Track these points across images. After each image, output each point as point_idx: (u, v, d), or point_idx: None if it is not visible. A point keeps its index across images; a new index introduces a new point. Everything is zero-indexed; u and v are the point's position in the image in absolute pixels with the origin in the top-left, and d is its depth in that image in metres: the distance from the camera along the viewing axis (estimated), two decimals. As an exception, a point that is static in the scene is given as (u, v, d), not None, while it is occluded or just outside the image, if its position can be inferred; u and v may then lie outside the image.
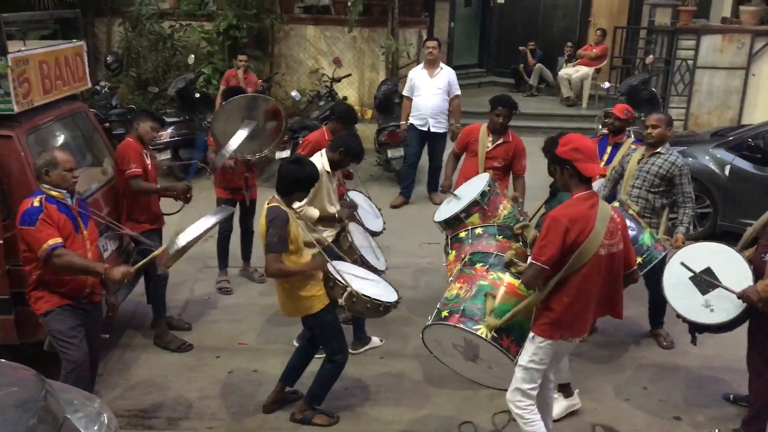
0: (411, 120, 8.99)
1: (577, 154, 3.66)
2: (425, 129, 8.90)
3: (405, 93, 9.09)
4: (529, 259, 3.73)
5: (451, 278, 4.50)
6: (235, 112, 6.03)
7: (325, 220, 5.13)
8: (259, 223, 4.40)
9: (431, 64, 8.87)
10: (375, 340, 5.71)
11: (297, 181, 4.33)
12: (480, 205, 5.10)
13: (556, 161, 3.80)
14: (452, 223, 5.18)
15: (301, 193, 4.42)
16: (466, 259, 4.43)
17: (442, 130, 8.96)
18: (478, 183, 5.36)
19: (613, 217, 3.72)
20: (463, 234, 4.86)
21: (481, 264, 4.26)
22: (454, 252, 4.83)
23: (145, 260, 4.50)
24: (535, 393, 3.90)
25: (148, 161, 5.60)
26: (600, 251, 3.62)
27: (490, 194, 5.15)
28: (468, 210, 5.11)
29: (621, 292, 3.90)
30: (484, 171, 5.76)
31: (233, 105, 6.06)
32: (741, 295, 4.25)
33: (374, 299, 4.41)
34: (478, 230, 4.80)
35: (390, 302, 4.53)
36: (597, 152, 3.84)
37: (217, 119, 6.20)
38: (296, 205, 4.69)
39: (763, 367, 4.42)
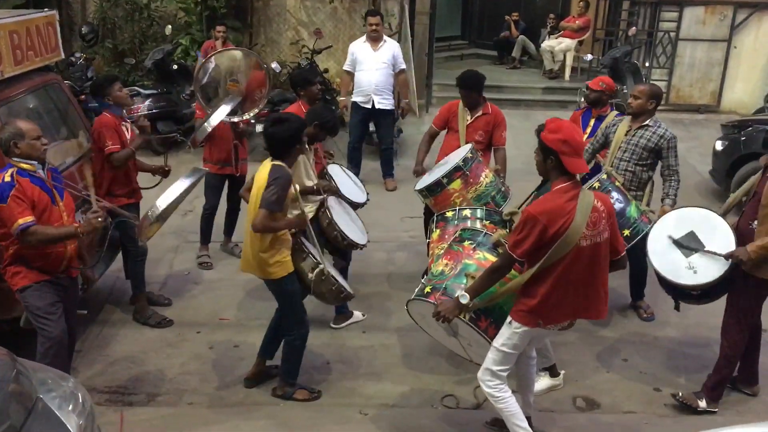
0: (353, 98, 8.52)
1: (565, 146, 3.48)
2: (369, 106, 8.36)
3: (346, 68, 8.53)
4: (506, 247, 3.67)
5: (430, 255, 4.52)
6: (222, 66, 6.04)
7: (305, 193, 5.07)
8: (257, 178, 4.26)
9: (374, 39, 8.37)
10: (357, 315, 5.69)
11: (288, 139, 4.24)
12: (462, 170, 5.07)
13: (540, 147, 3.60)
14: (434, 189, 5.15)
15: (298, 148, 4.33)
16: (456, 235, 4.41)
17: (388, 107, 8.44)
18: (460, 151, 5.35)
19: (596, 206, 3.57)
20: (449, 214, 4.82)
21: (470, 242, 4.24)
22: (438, 231, 4.79)
23: (103, 204, 4.42)
24: (505, 374, 3.89)
25: (128, 134, 5.49)
26: (581, 243, 3.52)
27: (472, 161, 5.13)
28: (450, 175, 5.08)
29: (604, 285, 3.75)
30: (466, 143, 5.71)
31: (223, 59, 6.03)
32: (729, 256, 4.29)
33: (340, 283, 4.51)
34: (466, 212, 4.76)
35: (350, 293, 4.71)
36: (584, 145, 3.66)
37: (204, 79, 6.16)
38: None
39: (738, 332, 4.51)
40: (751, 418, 4.49)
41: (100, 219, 4.16)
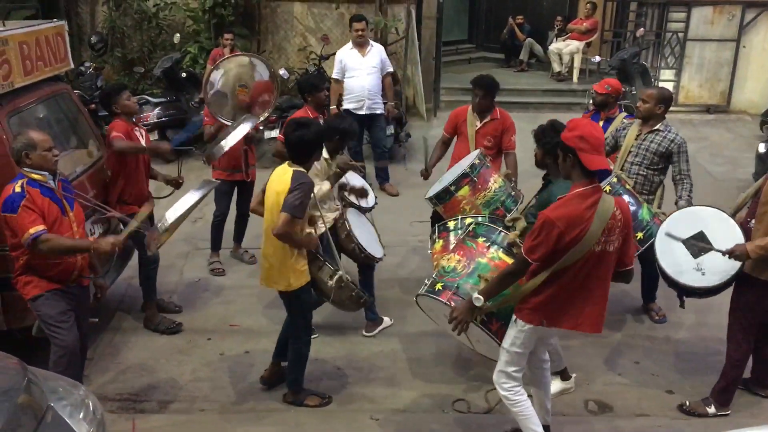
0: (345, 104, 8.44)
1: (583, 143, 3.43)
2: (362, 112, 8.31)
3: (335, 76, 8.45)
4: (521, 251, 3.65)
5: (435, 267, 4.55)
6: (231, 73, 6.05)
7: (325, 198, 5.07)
8: (275, 185, 4.25)
9: (361, 45, 8.36)
10: (387, 320, 5.67)
11: (311, 143, 4.25)
12: (470, 177, 5.05)
13: (559, 147, 3.57)
14: (443, 197, 5.13)
15: (318, 154, 4.35)
16: (470, 229, 4.41)
17: (379, 111, 8.46)
18: (469, 157, 5.34)
19: (614, 213, 3.53)
20: (452, 224, 4.82)
21: (484, 239, 4.22)
22: (441, 242, 4.79)
23: (130, 227, 4.43)
24: (519, 375, 3.88)
25: (142, 140, 5.53)
26: (595, 248, 3.50)
27: (480, 167, 5.11)
28: (458, 183, 5.06)
29: (604, 296, 3.70)
30: (476, 149, 5.69)
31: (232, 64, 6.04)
32: (729, 252, 4.23)
33: (359, 289, 4.51)
34: (468, 220, 4.76)
35: (367, 297, 4.70)
36: (603, 142, 3.60)
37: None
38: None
39: (741, 335, 4.48)
40: (765, 420, 4.46)
41: (114, 246, 4.19)
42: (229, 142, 5.71)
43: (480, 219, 4.71)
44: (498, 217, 4.83)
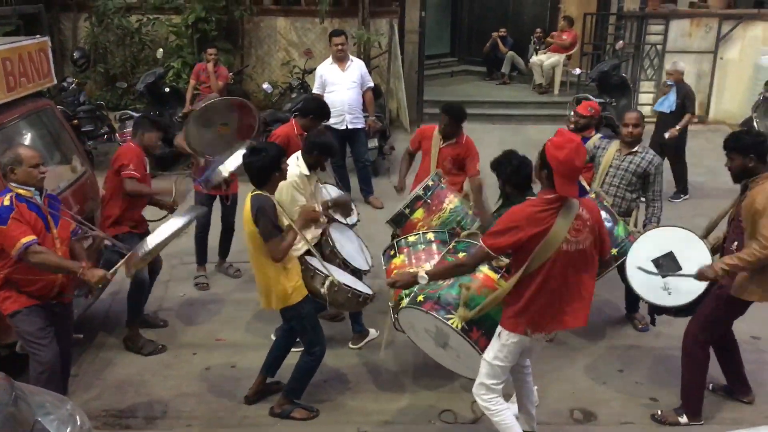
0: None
1: (561, 167, 3.50)
2: (343, 127, 8.30)
3: (316, 91, 8.47)
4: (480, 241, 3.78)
5: (397, 272, 4.62)
6: (210, 116, 5.97)
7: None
8: (244, 213, 4.31)
9: (341, 60, 8.42)
10: (372, 332, 5.67)
11: (265, 168, 4.28)
12: (423, 199, 5.10)
13: (540, 154, 3.64)
14: (399, 221, 5.18)
15: (277, 176, 4.36)
16: (450, 246, 4.47)
17: (360, 125, 8.50)
18: (425, 180, 5.37)
19: (580, 214, 3.61)
20: (413, 238, 4.83)
21: (464, 253, 4.29)
22: (402, 256, 4.80)
23: (120, 263, 4.39)
24: (500, 388, 3.92)
25: (147, 168, 5.55)
26: (563, 247, 3.56)
27: (434, 188, 5.15)
28: (411, 205, 5.12)
29: (588, 291, 3.76)
30: (437, 169, 5.68)
31: (208, 109, 5.99)
32: (698, 275, 4.29)
33: (355, 289, 4.49)
34: (430, 235, 4.80)
35: (368, 294, 4.63)
36: (579, 172, 3.71)
37: (192, 124, 6.07)
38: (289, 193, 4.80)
39: (692, 345, 4.53)
40: (747, 426, 4.51)
41: (101, 280, 4.17)
42: (227, 167, 5.63)
43: (440, 236, 4.76)
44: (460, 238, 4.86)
